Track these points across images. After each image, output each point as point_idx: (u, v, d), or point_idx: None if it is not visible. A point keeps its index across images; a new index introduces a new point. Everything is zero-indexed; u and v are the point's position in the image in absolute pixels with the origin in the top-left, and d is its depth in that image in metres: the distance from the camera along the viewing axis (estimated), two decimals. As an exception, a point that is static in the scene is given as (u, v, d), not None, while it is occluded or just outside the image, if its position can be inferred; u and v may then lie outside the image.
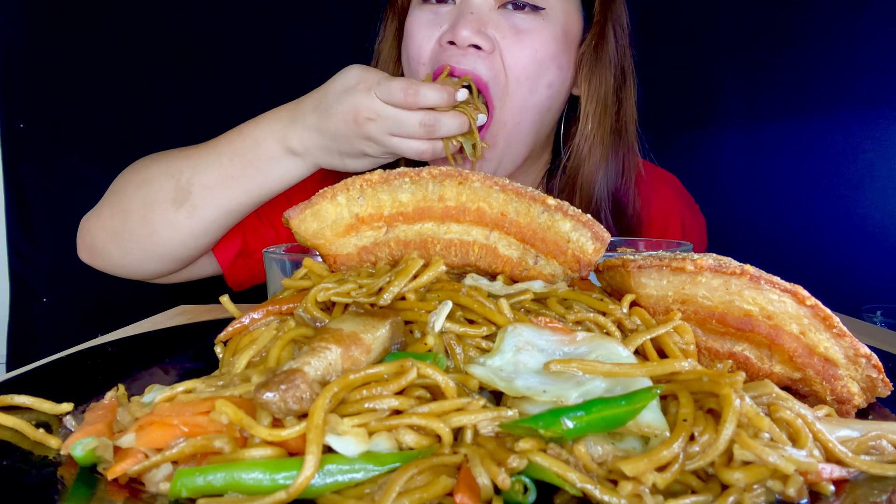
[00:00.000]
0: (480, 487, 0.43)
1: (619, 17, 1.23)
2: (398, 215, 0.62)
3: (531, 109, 1.14)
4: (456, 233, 0.63)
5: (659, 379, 0.49)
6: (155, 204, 1.13)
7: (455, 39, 1.08)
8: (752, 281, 0.57)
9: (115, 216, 1.17)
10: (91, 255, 1.23)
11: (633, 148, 1.27)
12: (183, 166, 1.13)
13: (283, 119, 1.09)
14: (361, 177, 0.61)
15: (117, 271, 1.23)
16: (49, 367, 0.72)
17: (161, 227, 1.14)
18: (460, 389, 0.50)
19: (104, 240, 1.19)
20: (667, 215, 1.40)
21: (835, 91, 2.00)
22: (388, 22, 1.29)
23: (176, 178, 1.13)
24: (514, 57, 1.10)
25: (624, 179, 1.26)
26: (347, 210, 0.62)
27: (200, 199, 1.12)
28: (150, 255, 1.18)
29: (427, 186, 0.61)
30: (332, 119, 1.03)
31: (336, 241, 0.63)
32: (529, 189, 0.63)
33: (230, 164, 1.11)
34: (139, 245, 1.16)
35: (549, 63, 1.14)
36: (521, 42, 1.11)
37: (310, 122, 1.06)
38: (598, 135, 1.21)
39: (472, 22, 1.08)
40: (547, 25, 1.13)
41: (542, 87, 1.14)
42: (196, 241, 1.16)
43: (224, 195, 1.12)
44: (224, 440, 0.46)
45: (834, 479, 0.46)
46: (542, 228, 0.62)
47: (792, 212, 2.04)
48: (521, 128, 1.15)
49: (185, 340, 0.86)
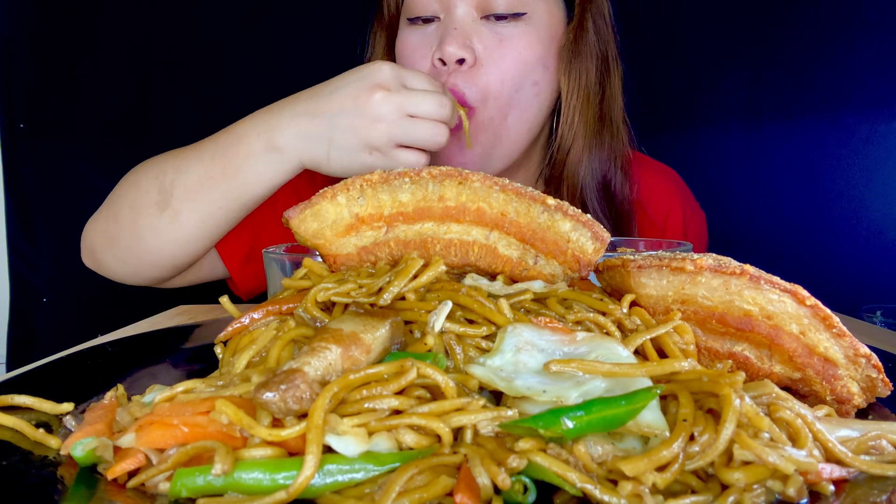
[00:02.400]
0: (480, 487, 0.43)
1: (599, 7, 1.24)
2: (398, 215, 0.62)
3: (517, 106, 1.17)
4: (456, 233, 0.63)
5: (659, 379, 0.49)
6: (141, 209, 1.08)
7: (443, 57, 1.11)
8: (752, 281, 0.57)
9: (108, 221, 1.13)
10: (92, 260, 1.20)
11: (618, 135, 1.28)
12: (168, 167, 1.07)
13: (272, 111, 1.03)
14: (361, 177, 0.61)
15: (116, 277, 1.20)
16: (49, 367, 0.72)
17: (146, 233, 1.08)
18: (460, 389, 0.50)
19: (101, 245, 1.15)
20: (668, 207, 1.40)
21: (835, 90, 2.00)
22: (376, 37, 1.30)
23: (160, 180, 1.07)
24: (498, 64, 1.13)
25: (611, 166, 1.27)
26: (347, 210, 0.62)
27: (181, 202, 1.05)
28: (141, 262, 1.13)
29: (427, 186, 0.61)
30: (336, 99, 0.97)
31: (336, 241, 0.63)
32: (529, 189, 0.63)
33: (211, 164, 1.04)
34: (129, 252, 1.12)
35: (535, 64, 1.16)
36: (505, 49, 1.13)
37: (301, 108, 1.00)
38: (581, 123, 1.23)
39: (458, 37, 1.11)
40: (530, 29, 1.15)
41: (528, 85, 1.17)
42: (182, 249, 1.10)
43: (203, 198, 1.05)
44: (221, 450, 0.45)
45: (834, 479, 0.46)
46: (542, 228, 0.62)
47: (791, 211, 2.04)
48: (508, 123, 1.17)
49: (185, 340, 0.86)
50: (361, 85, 0.96)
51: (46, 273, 2.04)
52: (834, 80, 1.99)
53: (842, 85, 1.99)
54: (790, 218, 2.04)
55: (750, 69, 2.04)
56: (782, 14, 2.00)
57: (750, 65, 2.04)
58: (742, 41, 2.03)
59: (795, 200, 2.05)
